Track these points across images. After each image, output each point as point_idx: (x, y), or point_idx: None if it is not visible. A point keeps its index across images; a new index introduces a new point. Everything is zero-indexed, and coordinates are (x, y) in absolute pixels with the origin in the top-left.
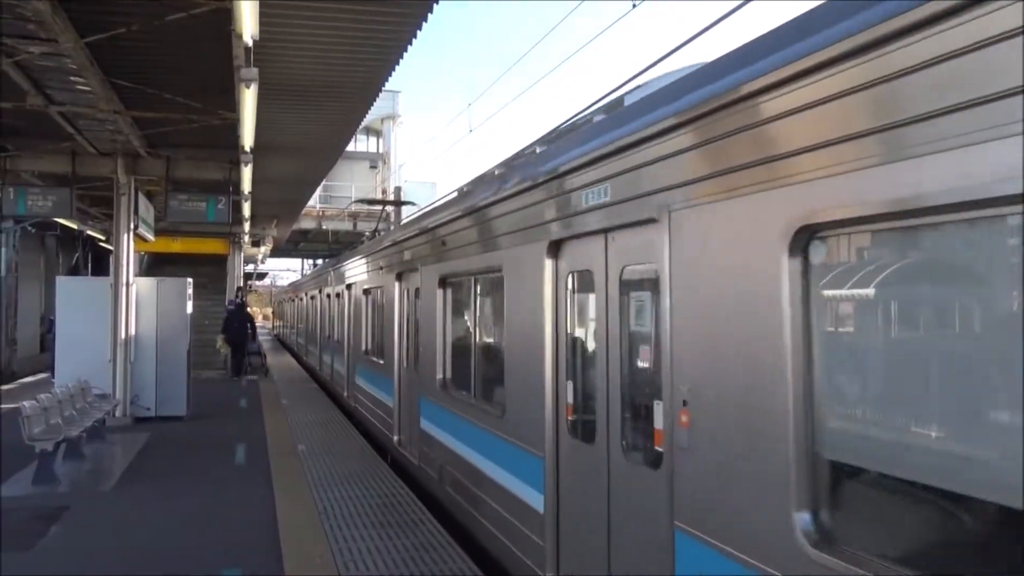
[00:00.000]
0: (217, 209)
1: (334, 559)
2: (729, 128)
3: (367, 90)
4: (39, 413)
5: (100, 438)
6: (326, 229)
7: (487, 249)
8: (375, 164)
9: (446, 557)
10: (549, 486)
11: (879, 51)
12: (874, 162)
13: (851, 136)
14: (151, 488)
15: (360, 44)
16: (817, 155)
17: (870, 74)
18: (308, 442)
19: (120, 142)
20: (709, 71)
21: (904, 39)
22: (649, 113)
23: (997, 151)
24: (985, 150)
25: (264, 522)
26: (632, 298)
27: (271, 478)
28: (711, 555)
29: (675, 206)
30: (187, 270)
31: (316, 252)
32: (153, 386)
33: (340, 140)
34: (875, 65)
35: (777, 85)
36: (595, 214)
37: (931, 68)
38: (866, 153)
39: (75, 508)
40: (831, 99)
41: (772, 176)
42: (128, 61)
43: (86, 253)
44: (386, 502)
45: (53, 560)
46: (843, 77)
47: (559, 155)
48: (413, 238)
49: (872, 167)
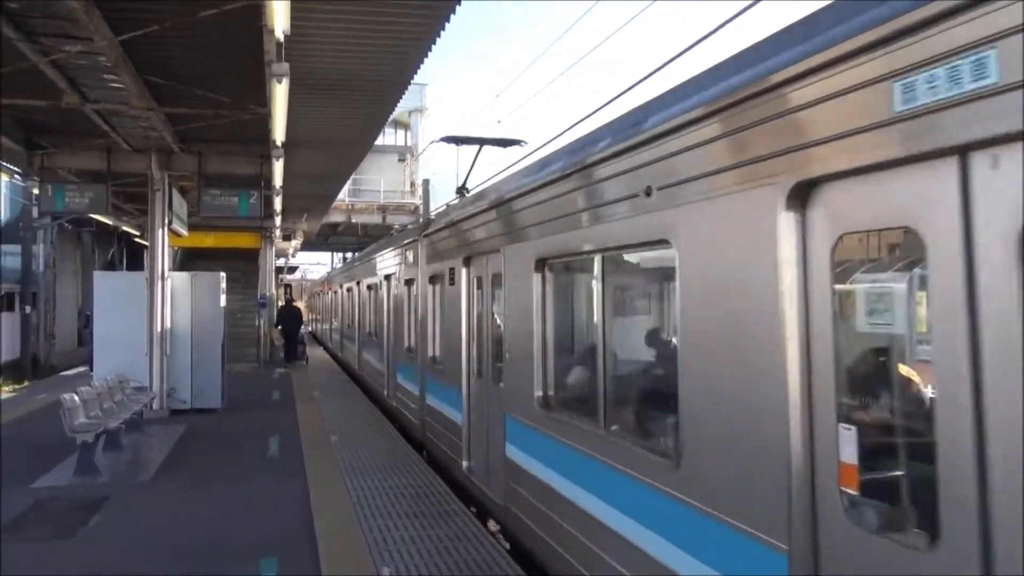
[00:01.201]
0: (249, 203)
1: (368, 549)
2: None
3: (396, 84)
4: (80, 406)
5: (138, 430)
6: (355, 223)
7: (638, 211)
8: (403, 157)
9: (480, 548)
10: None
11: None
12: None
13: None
14: (188, 479)
15: (389, 38)
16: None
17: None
18: (340, 433)
19: (153, 138)
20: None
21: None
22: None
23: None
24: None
25: (298, 512)
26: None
27: (305, 469)
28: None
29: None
30: (220, 264)
31: (345, 246)
32: (189, 379)
33: (369, 134)
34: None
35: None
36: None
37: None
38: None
39: (115, 498)
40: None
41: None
42: (160, 58)
43: (121, 248)
44: (419, 492)
45: (95, 548)
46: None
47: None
48: (491, 210)
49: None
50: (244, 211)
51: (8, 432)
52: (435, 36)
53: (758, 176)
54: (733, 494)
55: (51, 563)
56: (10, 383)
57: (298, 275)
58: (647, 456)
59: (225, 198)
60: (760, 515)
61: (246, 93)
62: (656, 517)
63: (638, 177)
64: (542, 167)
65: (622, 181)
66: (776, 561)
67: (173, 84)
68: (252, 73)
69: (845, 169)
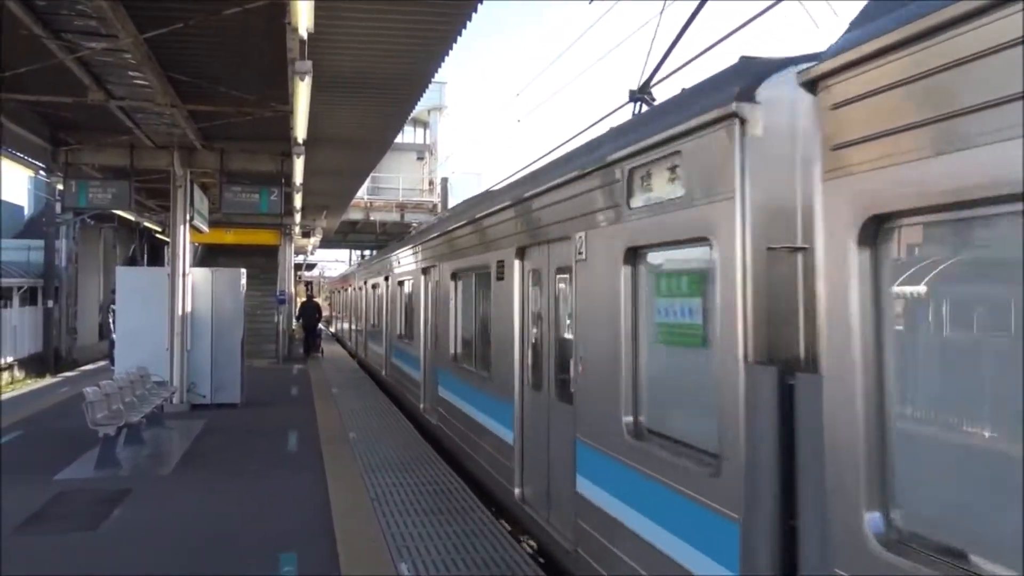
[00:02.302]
0: (270, 200)
1: (386, 544)
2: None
3: (417, 82)
4: (102, 399)
5: (159, 424)
6: (374, 220)
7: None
8: (422, 155)
9: (496, 544)
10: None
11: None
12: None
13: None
14: (208, 473)
15: (411, 36)
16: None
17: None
18: (358, 429)
19: (176, 135)
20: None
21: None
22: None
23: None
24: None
25: (317, 507)
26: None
27: (323, 464)
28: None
29: None
30: (240, 261)
31: (364, 243)
32: (208, 374)
33: (389, 132)
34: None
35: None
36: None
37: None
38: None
39: (136, 491)
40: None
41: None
42: (184, 56)
43: (143, 244)
44: (436, 489)
45: (117, 541)
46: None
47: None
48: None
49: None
50: (265, 208)
51: (30, 425)
52: (457, 34)
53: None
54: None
55: (74, 555)
56: (32, 377)
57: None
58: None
59: (246, 195)
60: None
61: (268, 91)
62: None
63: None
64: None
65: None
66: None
67: (196, 82)
68: (274, 71)
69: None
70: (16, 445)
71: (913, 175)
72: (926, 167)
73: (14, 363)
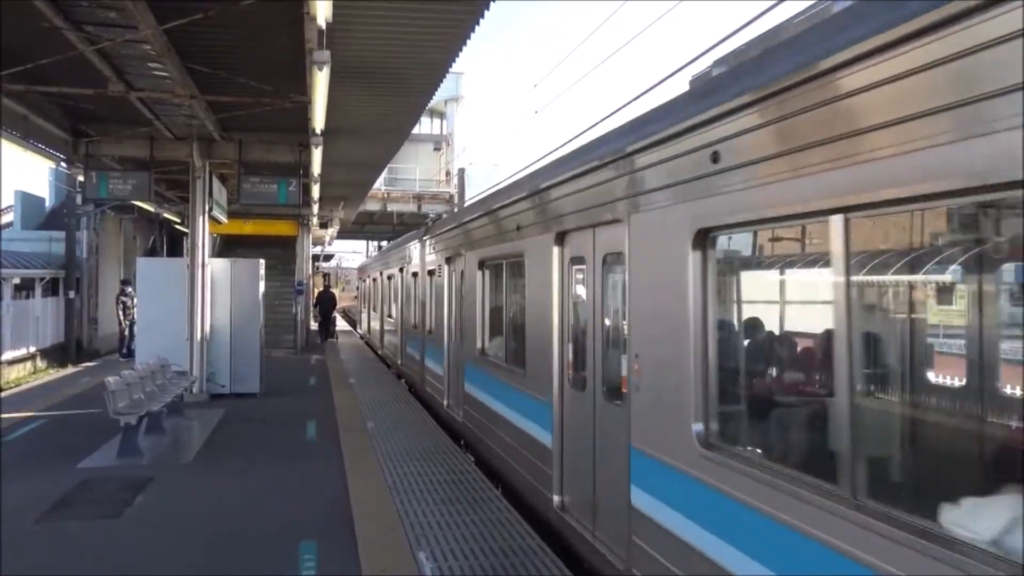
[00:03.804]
0: (288, 191)
1: (404, 533)
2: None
3: (435, 72)
4: (123, 389)
5: (179, 413)
6: (391, 211)
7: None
8: (439, 146)
9: (515, 533)
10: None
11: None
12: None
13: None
14: (228, 462)
15: (430, 25)
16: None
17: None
18: (376, 419)
19: (195, 126)
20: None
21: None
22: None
23: None
24: None
25: (336, 495)
26: None
27: (342, 453)
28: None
29: None
30: (258, 252)
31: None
32: (228, 364)
33: (407, 122)
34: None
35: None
36: None
37: None
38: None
39: (158, 479)
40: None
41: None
42: (203, 47)
43: (162, 235)
44: (454, 478)
45: (141, 528)
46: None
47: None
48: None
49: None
50: (283, 199)
51: (53, 414)
52: (475, 23)
53: None
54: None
55: (99, 541)
56: (55, 366)
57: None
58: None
59: (264, 185)
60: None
61: (286, 82)
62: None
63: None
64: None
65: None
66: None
67: (215, 73)
68: (293, 61)
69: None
70: (39, 433)
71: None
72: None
73: (36, 353)
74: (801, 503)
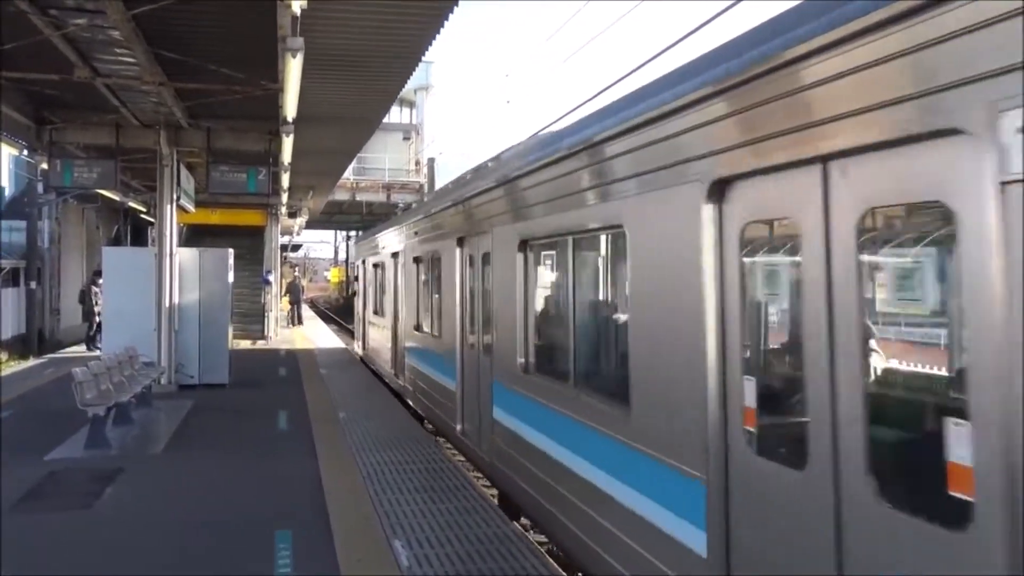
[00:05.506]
0: (258, 180)
1: (380, 522)
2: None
3: (408, 59)
4: (91, 380)
5: (147, 404)
6: (360, 201)
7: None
8: (408, 135)
9: (489, 520)
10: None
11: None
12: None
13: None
14: (199, 452)
15: (402, 13)
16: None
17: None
18: (348, 409)
19: (163, 113)
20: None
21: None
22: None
23: None
24: None
25: (309, 485)
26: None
27: (314, 443)
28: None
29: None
30: (226, 241)
31: (350, 224)
32: (196, 354)
33: (379, 110)
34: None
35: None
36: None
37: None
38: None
39: (128, 470)
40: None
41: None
42: (173, 32)
43: (126, 225)
44: (428, 467)
45: (111, 518)
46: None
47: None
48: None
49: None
50: (253, 187)
51: (17, 406)
52: (449, 11)
53: None
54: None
55: (70, 533)
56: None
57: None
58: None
59: (233, 174)
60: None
61: (257, 69)
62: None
63: None
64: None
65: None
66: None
67: (185, 59)
68: (264, 48)
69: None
70: (3, 426)
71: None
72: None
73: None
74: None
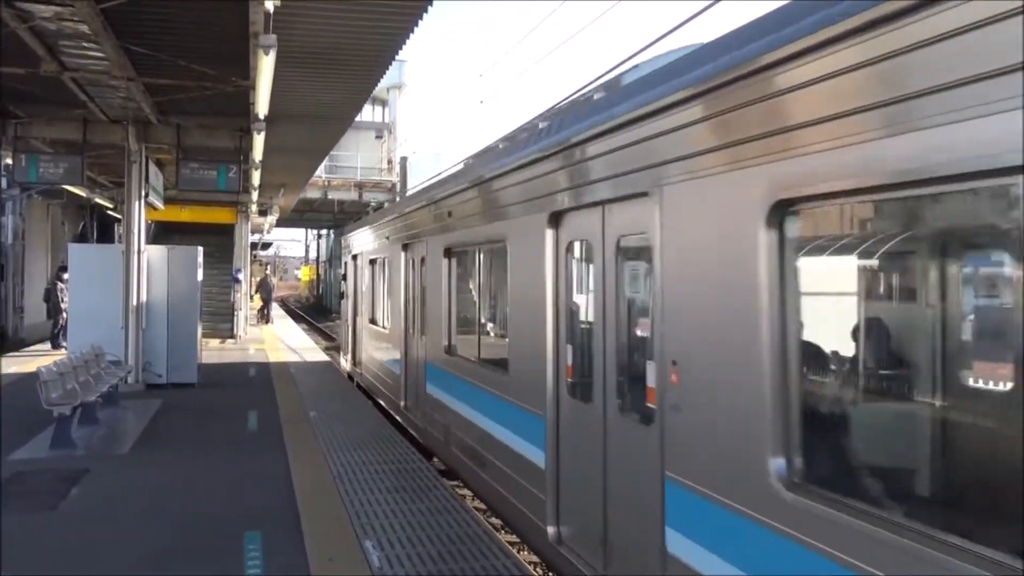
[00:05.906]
0: (228, 177)
1: (351, 522)
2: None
3: (382, 57)
4: (56, 379)
5: (114, 404)
6: (331, 199)
7: None
8: (381, 134)
9: (460, 520)
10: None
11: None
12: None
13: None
14: (167, 453)
15: (376, 10)
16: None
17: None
18: (318, 410)
19: (131, 109)
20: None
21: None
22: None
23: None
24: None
25: (280, 485)
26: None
27: (284, 443)
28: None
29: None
30: (195, 239)
31: (322, 222)
32: (164, 353)
33: (352, 108)
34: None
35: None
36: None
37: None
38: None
39: (94, 471)
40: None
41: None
42: (142, 26)
43: (92, 221)
44: (399, 468)
45: (78, 520)
46: None
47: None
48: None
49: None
50: (223, 185)
51: None
52: (425, 8)
53: None
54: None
55: (35, 535)
56: None
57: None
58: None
59: (203, 171)
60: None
61: (229, 65)
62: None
63: None
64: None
65: None
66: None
67: (154, 54)
68: (236, 45)
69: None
70: None
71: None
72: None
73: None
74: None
